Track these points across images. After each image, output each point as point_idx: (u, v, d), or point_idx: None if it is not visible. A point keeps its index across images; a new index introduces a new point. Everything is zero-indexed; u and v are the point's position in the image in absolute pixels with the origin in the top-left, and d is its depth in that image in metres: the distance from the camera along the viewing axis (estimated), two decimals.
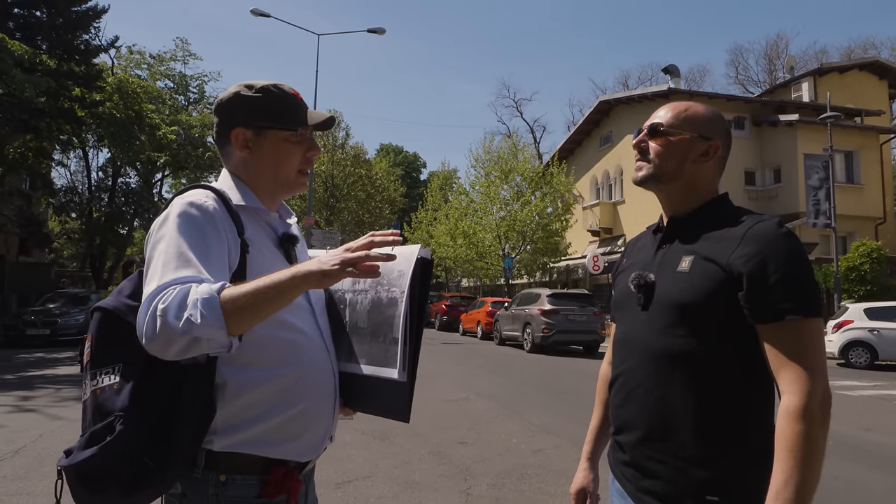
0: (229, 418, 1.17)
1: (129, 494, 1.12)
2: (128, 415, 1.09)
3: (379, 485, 4.29)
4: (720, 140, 1.33)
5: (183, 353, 1.04)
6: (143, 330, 1.03)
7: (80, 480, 1.11)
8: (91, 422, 1.14)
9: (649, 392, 1.26)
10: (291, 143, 1.33)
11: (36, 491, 3.97)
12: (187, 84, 30.96)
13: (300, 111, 1.36)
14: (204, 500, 1.18)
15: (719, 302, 1.17)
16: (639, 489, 1.27)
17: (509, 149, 28.01)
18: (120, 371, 1.14)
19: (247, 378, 1.18)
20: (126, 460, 1.09)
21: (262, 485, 1.20)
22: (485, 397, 8.16)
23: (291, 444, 1.23)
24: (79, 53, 19.37)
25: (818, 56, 40.41)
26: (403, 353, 1.23)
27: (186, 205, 1.18)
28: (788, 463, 1.06)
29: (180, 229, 1.14)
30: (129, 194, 27.18)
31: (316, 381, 1.28)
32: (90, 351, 1.19)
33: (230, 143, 1.33)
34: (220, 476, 1.18)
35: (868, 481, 4.66)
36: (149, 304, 1.04)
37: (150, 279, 1.09)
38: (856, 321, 13.19)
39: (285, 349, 1.23)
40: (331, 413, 1.32)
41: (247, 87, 1.34)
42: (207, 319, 1.00)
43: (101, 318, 1.20)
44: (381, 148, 57.49)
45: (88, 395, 1.17)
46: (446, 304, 25.02)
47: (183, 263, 1.09)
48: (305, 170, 1.38)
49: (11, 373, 9.92)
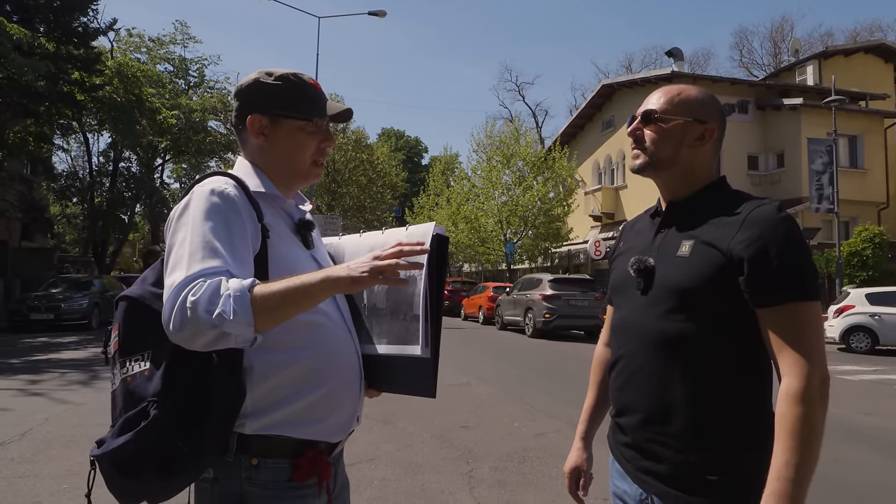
0: (258, 401, 1.18)
1: (164, 479, 1.13)
2: (161, 399, 1.10)
3: (382, 467, 4.34)
4: (715, 122, 1.33)
5: (208, 346, 1.05)
6: (171, 320, 1.03)
7: (115, 468, 1.12)
8: (122, 409, 1.14)
9: (649, 375, 1.27)
10: (307, 132, 1.33)
11: (43, 473, 4.02)
12: (187, 68, 30.81)
13: (318, 102, 1.36)
14: (236, 483, 1.19)
15: (719, 286, 1.18)
16: (639, 470, 1.29)
17: (511, 133, 27.86)
18: (150, 357, 1.15)
19: (272, 361, 1.19)
20: (160, 445, 1.10)
21: (293, 468, 1.21)
22: (486, 381, 8.22)
23: (320, 425, 1.24)
24: (77, 36, 19.21)
25: (824, 39, 40.06)
26: (425, 329, 1.24)
27: (208, 192, 1.18)
28: (788, 444, 1.07)
29: (204, 217, 1.14)
30: (130, 179, 27.14)
31: (340, 363, 1.29)
32: (118, 340, 1.20)
33: (246, 129, 1.34)
34: (252, 460, 1.18)
35: (866, 464, 4.71)
36: (177, 295, 1.04)
37: (175, 268, 1.09)
38: (857, 306, 13.20)
39: (309, 332, 1.24)
40: (357, 393, 1.33)
41: (267, 75, 1.34)
42: (238, 316, 1.01)
43: (128, 306, 1.21)
44: (382, 132, 57.23)
45: (118, 383, 1.18)
46: (448, 289, 25.05)
47: (210, 254, 1.09)
48: (320, 160, 1.38)
49: (17, 357, 10.00)
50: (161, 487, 1.16)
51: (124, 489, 1.15)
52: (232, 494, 1.19)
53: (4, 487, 3.76)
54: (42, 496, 3.60)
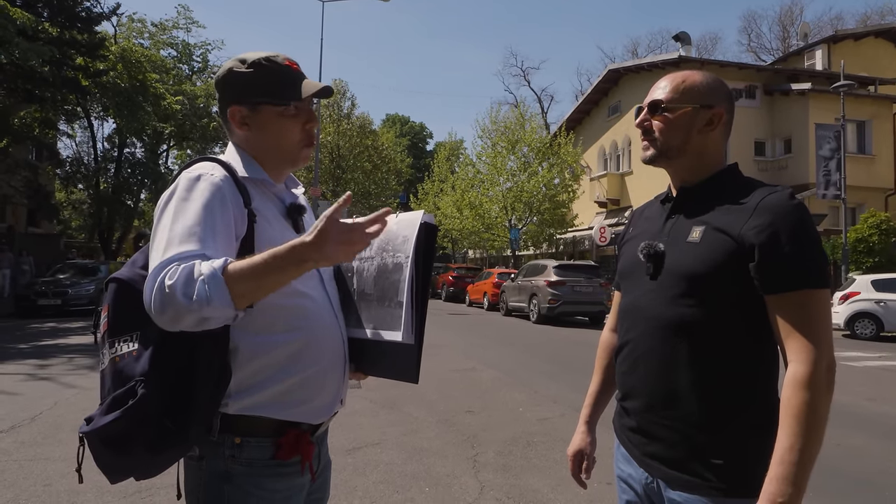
0: (242, 382, 1.20)
1: (153, 454, 1.16)
2: (148, 379, 1.12)
3: (388, 451, 4.38)
4: (723, 106, 1.32)
5: (191, 328, 1.06)
6: (151, 303, 1.05)
7: (104, 444, 1.14)
8: (111, 388, 1.16)
9: (657, 360, 1.27)
10: (287, 117, 1.32)
11: (53, 456, 4.07)
12: (191, 53, 30.69)
13: (295, 83, 1.34)
14: (221, 462, 1.22)
15: (729, 272, 1.18)
16: (644, 454, 1.30)
17: (516, 119, 27.69)
18: (138, 338, 1.17)
19: (258, 343, 1.21)
20: (147, 423, 1.12)
21: (275, 447, 1.24)
22: (491, 367, 8.25)
23: (303, 407, 1.27)
24: (80, 21, 19.11)
25: (833, 23, 39.59)
26: (409, 315, 1.25)
27: (193, 178, 1.20)
28: (793, 429, 1.08)
29: (186, 203, 1.16)
30: (135, 165, 27.16)
31: (325, 346, 1.30)
32: (107, 321, 1.22)
33: (229, 121, 1.34)
34: (236, 438, 1.22)
35: (869, 449, 4.72)
36: (155, 279, 1.05)
37: (155, 252, 1.10)
38: (862, 293, 13.16)
39: (294, 315, 1.25)
40: (341, 377, 1.35)
41: (240, 62, 1.33)
42: (214, 300, 1.02)
43: (117, 288, 1.22)
44: (387, 118, 56.99)
45: (107, 363, 1.19)
46: (453, 276, 25.10)
47: (188, 238, 1.10)
48: (308, 142, 1.37)
49: (25, 342, 10.08)
50: (149, 463, 1.19)
51: (112, 465, 1.18)
52: (217, 472, 1.22)
53: (16, 470, 3.81)
54: (52, 479, 3.66)
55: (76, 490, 3.42)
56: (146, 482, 3.35)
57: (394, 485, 3.73)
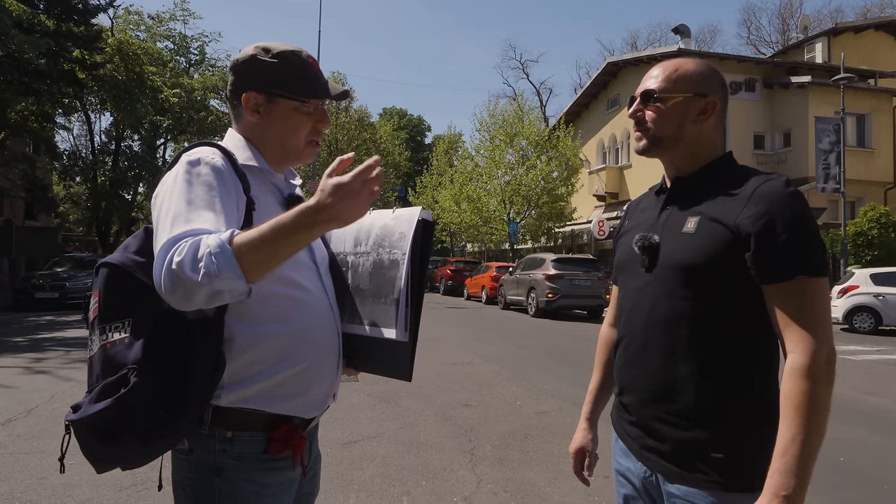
0: (235, 373, 1.18)
1: (144, 444, 1.13)
2: (141, 367, 1.10)
3: (385, 445, 4.37)
4: (717, 95, 1.29)
5: (205, 303, 1.04)
6: (161, 283, 1.02)
7: (93, 433, 1.11)
8: (101, 376, 1.14)
9: (654, 353, 1.25)
10: (302, 113, 1.31)
11: (49, 449, 4.06)
12: (188, 45, 30.49)
13: (315, 81, 1.33)
14: (211, 455, 1.20)
15: (726, 263, 1.16)
16: (643, 448, 1.28)
17: (514, 112, 27.61)
18: (130, 325, 1.14)
19: (253, 334, 1.19)
20: (140, 412, 1.09)
21: (267, 441, 1.22)
22: (489, 361, 8.25)
23: (295, 401, 1.24)
24: (77, 13, 18.98)
25: (833, 16, 39.51)
26: (405, 313, 1.24)
27: (194, 161, 1.18)
28: (795, 421, 1.06)
29: (188, 184, 1.14)
30: (132, 158, 27.07)
31: (319, 339, 1.28)
32: (97, 306, 1.19)
33: (241, 105, 1.32)
34: (227, 433, 1.19)
35: (868, 443, 4.72)
36: (163, 258, 1.02)
37: (161, 232, 1.08)
38: (861, 286, 13.17)
39: (290, 306, 1.23)
40: (334, 371, 1.33)
41: (264, 51, 1.31)
42: (224, 271, 1.00)
43: (108, 273, 1.19)
44: (384, 111, 56.80)
45: (97, 349, 1.17)
46: (451, 269, 25.08)
47: (193, 216, 1.08)
48: (315, 140, 1.36)
49: (22, 335, 10.07)
50: (138, 453, 1.16)
51: (100, 455, 1.15)
52: (207, 465, 1.20)
53: (11, 463, 3.80)
54: (48, 472, 3.64)
55: (71, 483, 3.40)
56: (141, 475, 3.35)
57: (390, 478, 3.73)
